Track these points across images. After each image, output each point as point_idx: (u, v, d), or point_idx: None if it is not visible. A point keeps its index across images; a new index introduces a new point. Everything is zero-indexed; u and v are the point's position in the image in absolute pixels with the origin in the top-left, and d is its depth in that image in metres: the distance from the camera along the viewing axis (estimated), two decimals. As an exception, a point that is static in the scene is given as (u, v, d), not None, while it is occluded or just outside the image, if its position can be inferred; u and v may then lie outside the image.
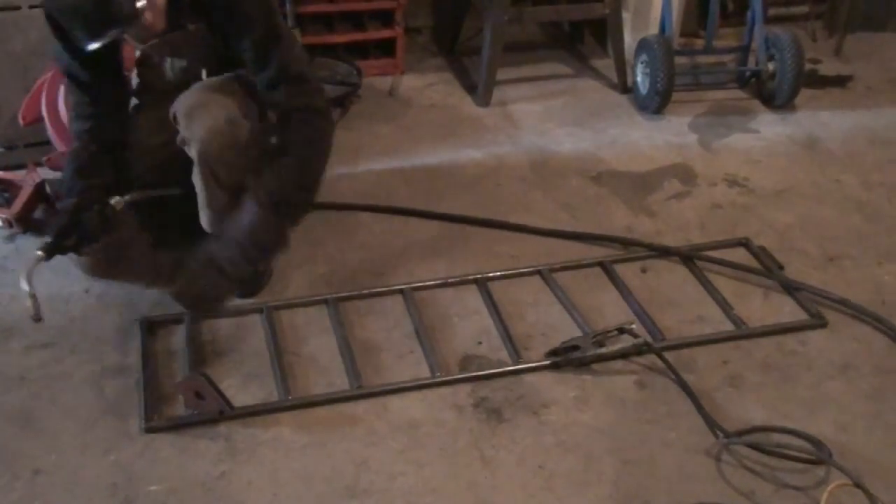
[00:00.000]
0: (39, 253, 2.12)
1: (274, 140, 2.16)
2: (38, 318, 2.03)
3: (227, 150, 2.11)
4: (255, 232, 2.08)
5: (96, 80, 2.21)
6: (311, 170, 2.15)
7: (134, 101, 2.51)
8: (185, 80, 2.22)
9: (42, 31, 3.04)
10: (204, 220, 2.24)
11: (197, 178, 2.17)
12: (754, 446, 1.97)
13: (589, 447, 2.00)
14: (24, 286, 2.03)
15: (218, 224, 2.20)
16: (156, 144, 2.34)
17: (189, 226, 2.30)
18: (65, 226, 2.15)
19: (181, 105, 2.13)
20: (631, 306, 2.42)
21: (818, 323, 2.36)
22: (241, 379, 2.17)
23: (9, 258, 2.57)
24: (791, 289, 2.48)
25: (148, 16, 1.95)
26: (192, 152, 2.13)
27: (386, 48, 3.71)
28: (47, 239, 2.18)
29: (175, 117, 2.15)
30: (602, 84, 3.75)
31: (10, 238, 2.65)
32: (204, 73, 2.24)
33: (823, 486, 1.87)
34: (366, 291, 2.45)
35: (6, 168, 2.85)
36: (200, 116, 2.09)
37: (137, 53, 2.46)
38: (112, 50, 2.17)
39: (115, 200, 2.23)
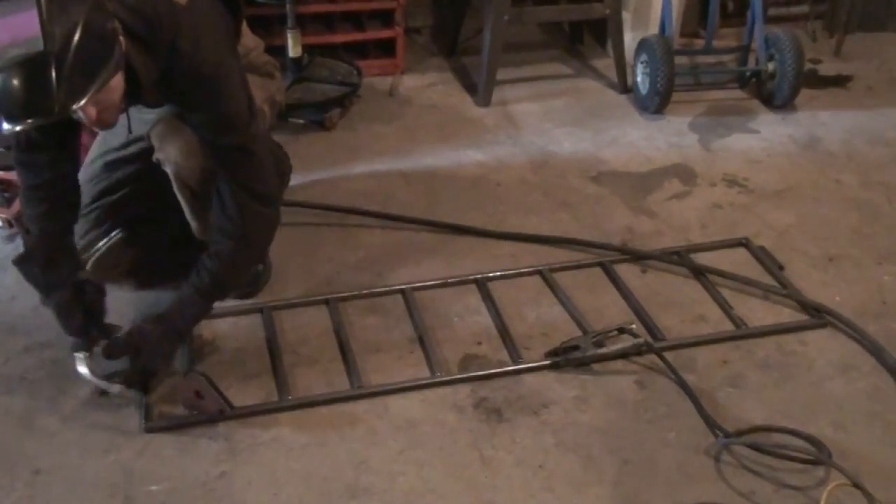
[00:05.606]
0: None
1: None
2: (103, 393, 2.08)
3: (199, 169, 2.14)
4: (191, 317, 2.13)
5: (51, 164, 2.07)
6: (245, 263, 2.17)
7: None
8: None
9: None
10: (193, 228, 2.26)
11: (177, 193, 2.21)
12: (754, 446, 1.97)
13: (589, 447, 2.00)
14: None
15: (206, 231, 2.22)
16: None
17: (177, 257, 2.32)
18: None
19: (155, 130, 2.16)
20: (631, 306, 2.42)
21: (818, 323, 2.36)
22: (241, 379, 2.17)
23: (9, 258, 2.56)
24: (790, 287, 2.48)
25: (91, 112, 1.76)
26: (168, 171, 2.16)
27: (386, 48, 3.71)
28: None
29: (149, 139, 2.18)
30: (602, 84, 3.74)
31: (10, 238, 2.64)
32: None
33: (823, 486, 1.87)
34: (366, 291, 2.45)
35: (6, 168, 2.84)
36: (173, 139, 2.12)
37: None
38: (67, 130, 2.02)
39: (84, 273, 2.18)
